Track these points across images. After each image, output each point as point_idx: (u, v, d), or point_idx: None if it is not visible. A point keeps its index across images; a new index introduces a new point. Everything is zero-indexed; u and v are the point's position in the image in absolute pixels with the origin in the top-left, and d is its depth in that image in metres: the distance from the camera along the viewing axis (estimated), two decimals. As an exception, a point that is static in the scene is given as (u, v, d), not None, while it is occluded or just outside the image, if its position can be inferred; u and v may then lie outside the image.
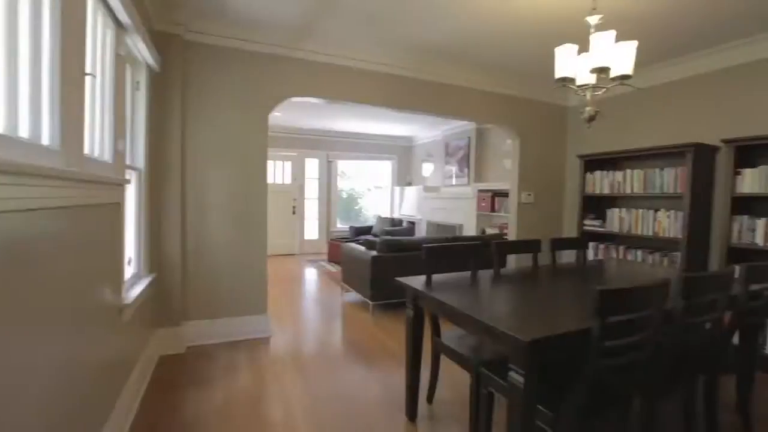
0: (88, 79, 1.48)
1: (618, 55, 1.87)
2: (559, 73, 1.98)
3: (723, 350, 1.78)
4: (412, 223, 7.33)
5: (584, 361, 1.24)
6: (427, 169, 7.65)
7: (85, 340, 1.41)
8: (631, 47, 1.87)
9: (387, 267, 3.70)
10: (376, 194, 8.72)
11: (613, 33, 1.84)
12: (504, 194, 5.12)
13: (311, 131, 7.50)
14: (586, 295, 1.75)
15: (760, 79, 2.92)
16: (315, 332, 3.28)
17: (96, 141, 1.67)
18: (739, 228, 2.80)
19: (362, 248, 4.01)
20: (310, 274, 5.67)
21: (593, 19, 2.03)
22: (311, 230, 7.77)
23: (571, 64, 1.96)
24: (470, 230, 5.67)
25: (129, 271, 2.25)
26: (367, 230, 7.46)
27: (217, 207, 2.97)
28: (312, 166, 7.73)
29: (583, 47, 2.06)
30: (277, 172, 7.38)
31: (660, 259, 3.37)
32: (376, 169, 8.59)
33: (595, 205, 4.00)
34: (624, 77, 1.88)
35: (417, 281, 1.95)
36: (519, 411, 1.24)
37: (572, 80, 2.01)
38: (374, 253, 3.73)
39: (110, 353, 1.70)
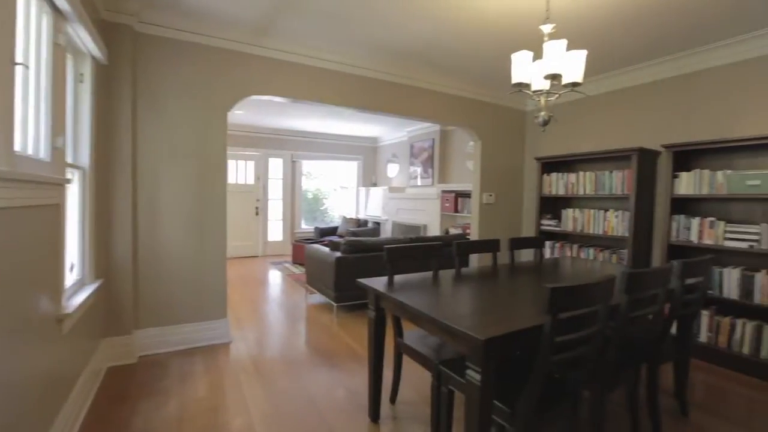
0: (19, 70, 1.36)
1: (569, 63, 1.96)
2: (515, 79, 2.05)
3: (663, 340, 1.92)
4: (378, 224, 7.34)
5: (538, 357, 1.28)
6: (393, 169, 7.71)
7: (16, 354, 1.29)
8: (580, 56, 1.97)
9: (351, 268, 3.68)
10: (342, 195, 8.66)
11: (564, 42, 1.92)
12: (467, 195, 5.24)
13: (275, 130, 7.34)
14: (541, 292, 1.83)
15: (696, 89, 3.18)
16: (277, 336, 3.20)
17: (30, 137, 1.54)
18: (677, 227, 3.03)
19: (326, 249, 3.96)
20: (274, 277, 5.54)
21: (547, 28, 2.11)
22: (275, 231, 7.59)
23: (526, 70, 2.03)
24: (435, 230, 5.76)
25: (71, 278, 2.10)
26: (333, 231, 7.39)
27: (173, 208, 2.83)
28: (276, 166, 7.55)
29: (539, 55, 2.15)
30: (239, 171, 7.15)
31: (609, 257, 3.58)
32: (341, 170, 8.53)
33: (552, 206, 4.18)
34: (574, 84, 1.98)
35: (379, 282, 1.95)
36: (476, 407, 1.26)
37: (528, 86, 2.09)
38: (338, 254, 3.70)
39: (47, 367, 1.56)
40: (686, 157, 3.11)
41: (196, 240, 2.92)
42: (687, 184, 2.97)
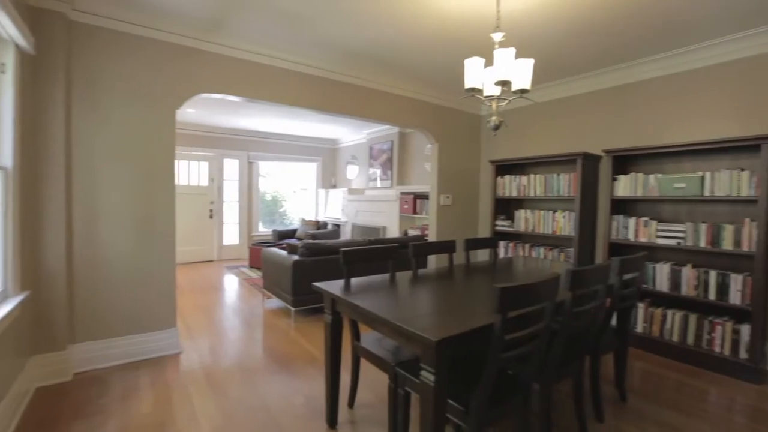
0: None
1: (518, 71, 2.05)
2: (468, 84, 2.11)
3: (604, 333, 2.05)
4: (337, 226, 7.29)
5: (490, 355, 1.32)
6: (352, 171, 7.68)
7: None
8: (528, 64, 2.07)
9: (309, 271, 3.62)
10: (302, 196, 8.51)
11: (513, 50, 2.01)
12: (425, 197, 5.33)
13: (230, 130, 7.07)
14: (493, 292, 1.89)
15: (631, 99, 3.44)
16: (231, 344, 3.07)
17: (-64, 133, 1.36)
18: (617, 226, 3.26)
19: (283, 253, 3.87)
20: (229, 282, 5.32)
21: (497, 36, 2.20)
22: (231, 235, 7.30)
23: (478, 75, 2.10)
24: (394, 232, 5.80)
25: (-10, 290, 1.89)
26: (291, 234, 7.23)
27: (115, 211, 2.64)
28: (231, 167, 7.26)
29: (491, 62, 2.22)
30: (192, 172, 6.80)
31: (558, 255, 3.78)
32: (300, 171, 8.38)
33: (505, 207, 4.35)
34: (523, 91, 2.07)
35: (335, 286, 1.93)
36: (430, 408, 1.28)
37: (480, 91, 2.15)
38: (296, 257, 3.62)
39: (-41, 392, 1.39)
40: (624, 162, 3.35)
41: (142, 245, 2.74)
42: (625, 186, 3.20)
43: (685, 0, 2.32)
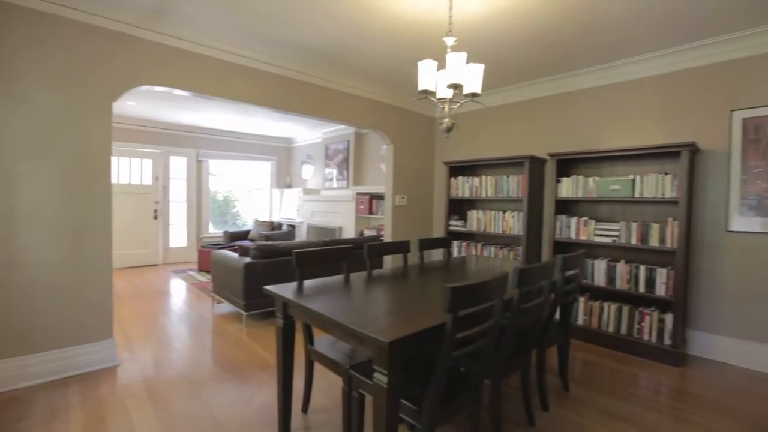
0: None
1: (469, 75, 2.11)
2: (421, 86, 2.13)
3: (549, 327, 2.17)
4: (293, 227, 7.12)
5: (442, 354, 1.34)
6: (308, 171, 7.55)
7: None
8: (478, 69, 2.13)
9: (262, 274, 3.49)
10: (256, 197, 8.21)
11: (464, 54, 2.06)
12: (381, 197, 5.35)
13: (178, 126, 6.66)
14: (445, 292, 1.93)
15: (572, 106, 3.67)
16: (177, 353, 2.89)
17: None
18: (561, 225, 3.46)
19: (234, 255, 3.71)
20: (176, 287, 5.01)
21: (449, 40, 2.25)
22: (178, 237, 6.88)
23: (431, 78, 2.13)
24: (350, 232, 5.76)
25: None
26: (244, 235, 6.96)
27: (38, 212, 2.38)
28: (179, 165, 6.85)
29: (444, 65, 2.27)
30: (134, 170, 6.33)
31: (508, 254, 3.95)
32: (254, 170, 8.08)
33: (459, 207, 4.48)
34: (474, 95, 2.13)
35: (287, 289, 1.87)
36: (383, 409, 1.27)
37: (433, 93, 2.19)
38: (248, 259, 3.49)
39: None
40: (567, 165, 3.57)
41: (71, 249, 2.50)
42: (567, 188, 3.41)
43: (618, 18, 2.51)
